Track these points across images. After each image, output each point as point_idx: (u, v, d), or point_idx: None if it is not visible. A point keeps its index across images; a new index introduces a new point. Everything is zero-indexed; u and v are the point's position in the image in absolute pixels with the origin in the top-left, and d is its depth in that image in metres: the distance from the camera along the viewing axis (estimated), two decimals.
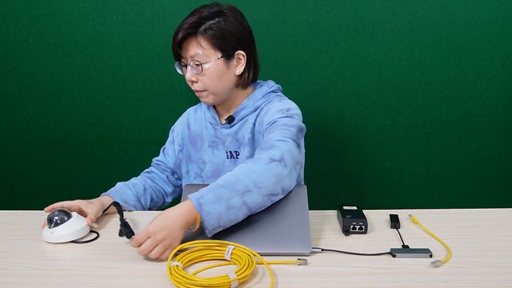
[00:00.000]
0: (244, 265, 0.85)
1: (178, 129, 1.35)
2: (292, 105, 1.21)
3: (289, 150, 1.03)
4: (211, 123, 1.28)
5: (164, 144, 1.39)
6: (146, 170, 1.38)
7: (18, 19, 1.65)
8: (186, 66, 1.18)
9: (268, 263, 0.89)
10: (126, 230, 0.98)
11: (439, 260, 0.89)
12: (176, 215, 0.92)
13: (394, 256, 0.93)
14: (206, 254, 0.92)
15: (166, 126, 1.30)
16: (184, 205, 0.93)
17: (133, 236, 0.96)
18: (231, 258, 0.91)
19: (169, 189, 1.36)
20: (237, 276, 0.82)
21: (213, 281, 0.81)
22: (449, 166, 1.79)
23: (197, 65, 1.14)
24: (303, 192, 1.04)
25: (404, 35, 1.63)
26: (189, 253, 0.91)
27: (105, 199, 1.18)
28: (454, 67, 1.67)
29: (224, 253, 0.91)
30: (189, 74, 1.16)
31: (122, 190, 1.24)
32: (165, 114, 1.73)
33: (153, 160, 1.38)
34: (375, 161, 1.78)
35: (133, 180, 1.31)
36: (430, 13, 1.61)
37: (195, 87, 1.19)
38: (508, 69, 1.67)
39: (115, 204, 1.11)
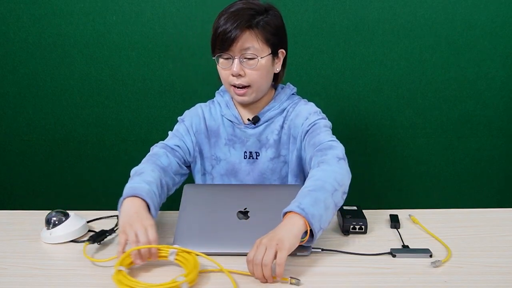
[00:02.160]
0: (192, 267, 0.82)
1: (192, 121, 1.24)
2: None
3: (343, 148, 1.05)
4: (231, 121, 1.22)
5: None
6: (157, 153, 1.15)
7: (18, 19, 1.65)
8: (229, 59, 1.10)
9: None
10: (95, 236, 1.00)
11: (439, 260, 0.89)
12: (279, 226, 0.88)
13: (394, 256, 0.93)
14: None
15: (166, 126, 1.29)
16: (285, 218, 0.89)
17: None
18: (176, 260, 0.87)
19: (176, 180, 1.17)
20: (186, 279, 0.79)
21: (161, 287, 0.77)
22: (449, 166, 1.79)
23: (251, 58, 1.09)
24: None
25: (404, 35, 1.63)
26: (129, 255, 0.86)
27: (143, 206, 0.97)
28: (454, 67, 1.66)
29: (167, 253, 0.87)
30: (238, 67, 1.09)
31: (153, 196, 1.01)
32: (165, 114, 1.73)
33: (165, 143, 1.19)
34: (375, 161, 1.78)
35: (156, 181, 1.04)
36: (430, 13, 1.61)
37: (240, 81, 1.11)
38: (508, 69, 1.67)
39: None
